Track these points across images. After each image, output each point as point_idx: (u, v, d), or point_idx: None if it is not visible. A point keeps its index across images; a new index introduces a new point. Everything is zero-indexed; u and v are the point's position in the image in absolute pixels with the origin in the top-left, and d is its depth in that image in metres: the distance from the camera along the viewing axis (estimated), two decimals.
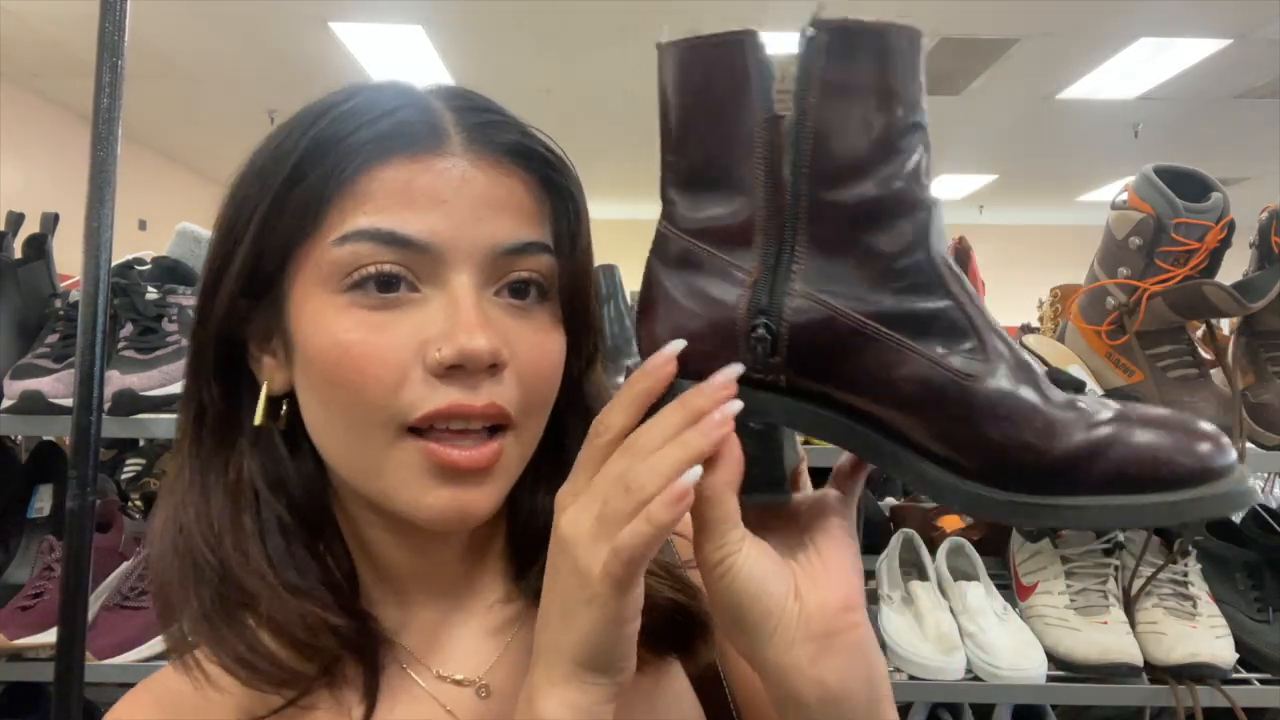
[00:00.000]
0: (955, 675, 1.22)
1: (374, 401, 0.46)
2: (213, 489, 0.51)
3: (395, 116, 0.48)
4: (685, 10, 5.45)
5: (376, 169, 0.47)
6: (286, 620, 0.49)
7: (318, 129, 0.49)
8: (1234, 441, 1.23)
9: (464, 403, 0.46)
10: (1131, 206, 1.26)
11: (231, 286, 0.50)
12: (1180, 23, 4.92)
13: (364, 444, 0.47)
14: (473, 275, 0.47)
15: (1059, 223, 10.42)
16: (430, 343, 0.46)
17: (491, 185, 0.48)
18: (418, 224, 0.46)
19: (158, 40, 5.37)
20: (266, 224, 0.49)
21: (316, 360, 0.47)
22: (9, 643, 1.15)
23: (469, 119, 0.50)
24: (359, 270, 0.46)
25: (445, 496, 0.47)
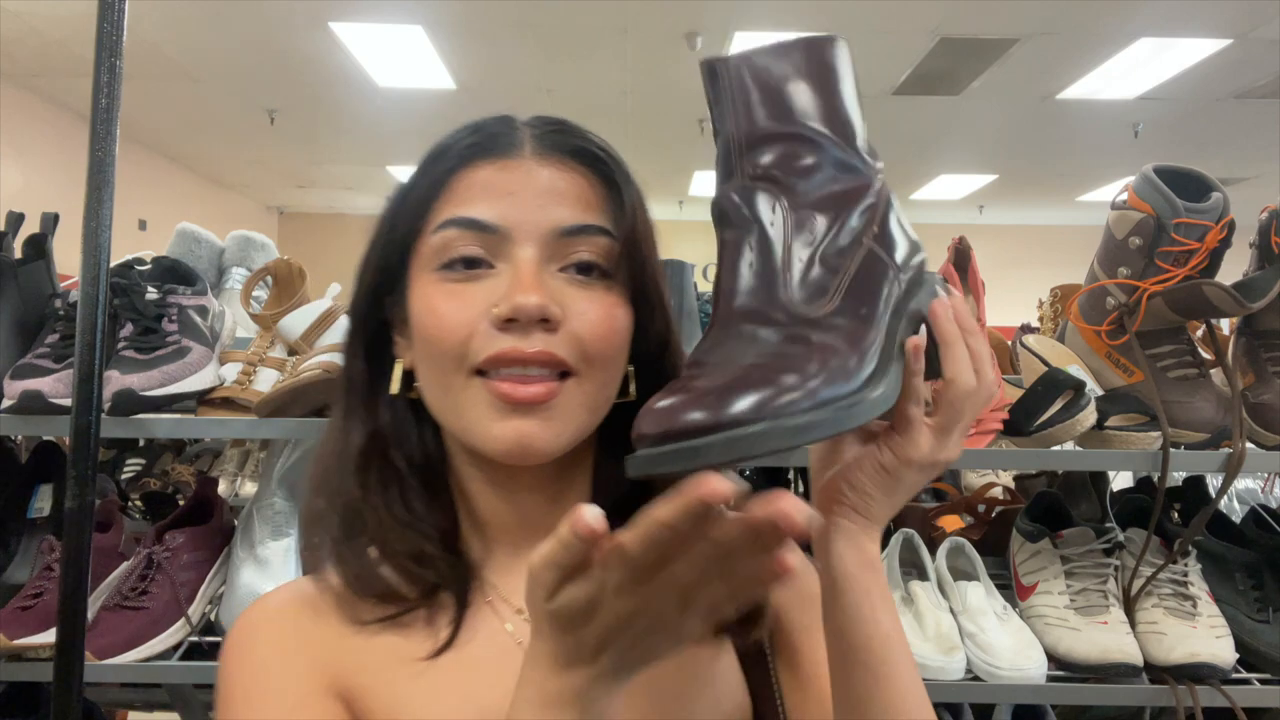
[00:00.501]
0: (955, 675, 1.22)
1: (450, 350, 0.57)
2: (352, 441, 0.63)
3: (483, 131, 0.61)
4: (685, 10, 5.43)
5: (465, 172, 0.60)
6: (396, 551, 0.61)
7: (432, 149, 0.62)
8: (1234, 441, 1.24)
9: (518, 347, 0.55)
10: (1131, 206, 1.26)
11: (369, 279, 0.63)
12: (1180, 23, 4.92)
13: (447, 387, 0.58)
14: (536, 251, 0.58)
15: (1059, 223, 10.42)
16: (494, 303, 0.56)
17: (554, 179, 0.60)
18: (491, 211, 0.58)
19: (158, 40, 5.37)
20: (392, 226, 0.61)
21: (417, 324, 0.59)
22: (9, 643, 1.15)
23: (540, 129, 0.62)
24: (448, 252, 0.58)
25: (509, 429, 0.56)
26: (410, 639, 0.60)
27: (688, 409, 0.43)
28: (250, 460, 2.01)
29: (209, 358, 1.28)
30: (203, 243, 1.57)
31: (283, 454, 1.36)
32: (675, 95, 6.43)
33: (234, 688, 0.60)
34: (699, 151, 7.75)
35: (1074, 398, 1.22)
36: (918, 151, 7.98)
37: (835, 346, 0.47)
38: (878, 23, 5.07)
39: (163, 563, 1.26)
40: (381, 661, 0.60)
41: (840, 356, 0.47)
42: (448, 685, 0.59)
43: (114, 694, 1.68)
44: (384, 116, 6.87)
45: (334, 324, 1.34)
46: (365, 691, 0.59)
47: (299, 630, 0.61)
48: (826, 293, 0.50)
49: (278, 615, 0.63)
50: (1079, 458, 1.31)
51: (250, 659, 0.61)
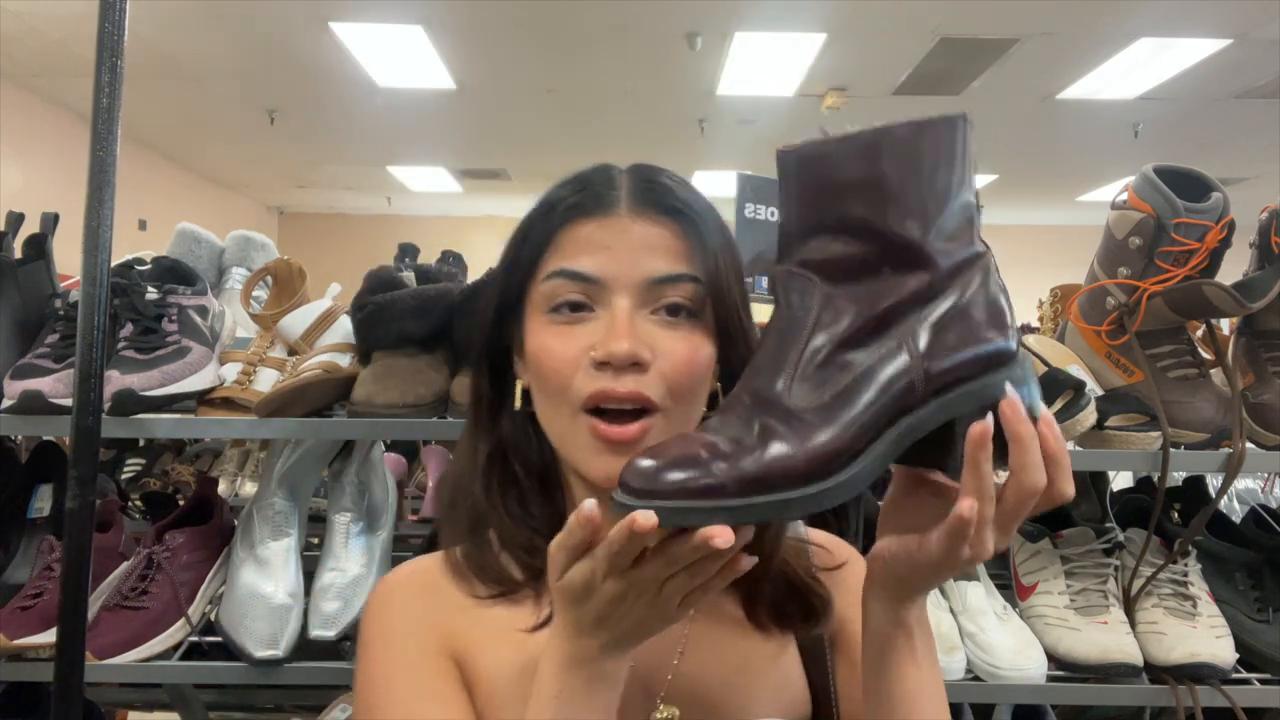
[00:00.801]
0: (955, 675, 1.22)
1: (558, 384, 0.67)
2: (480, 449, 0.74)
3: (586, 190, 0.70)
4: (685, 10, 5.43)
5: (569, 228, 0.69)
6: (512, 542, 0.71)
7: (542, 202, 0.72)
8: (1234, 441, 1.24)
9: (611, 388, 0.64)
10: (1131, 206, 1.26)
11: (492, 312, 0.73)
12: (1180, 23, 4.92)
13: (557, 419, 0.68)
14: (630, 299, 0.67)
15: (1059, 223, 10.42)
16: (593, 346, 0.65)
17: (645, 234, 0.68)
18: (591, 264, 0.67)
19: (158, 40, 5.37)
20: (509, 270, 0.72)
21: (531, 359, 0.69)
22: (9, 643, 1.15)
23: (637, 187, 0.70)
24: (556, 298, 0.68)
25: (605, 464, 0.65)
26: (517, 614, 0.70)
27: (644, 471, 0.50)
28: (250, 460, 2.01)
29: (209, 358, 1.29)
30: (203, 243, 1.57)
31: (283, 454, 1.35)
32: (675, 95, 6.43)
33: (373, 639, 0.72)
34: (699, 151, 7.75)
35: (1074, 398, 1.22)
36: None
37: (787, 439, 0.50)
38: (878, 23, 5.07)
39: (163, 563, 1.26)
40: (490, 632, 0.70)
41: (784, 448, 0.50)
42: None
43: (114, 694, 1.68)
44: (384, 116, 6.87)
45: (334, 324, 1.34)
46: (474, 656, 0.70)
47: (424, 599, 0.72)
48: (826, 387, 0.52)
49: (410, 584, 0.74)
50: (1079, 458, 1.31)
51: (386, 618, 0.72)
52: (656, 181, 0.71)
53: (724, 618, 0.73)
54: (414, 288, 1.28)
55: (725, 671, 0.71)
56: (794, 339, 0.54)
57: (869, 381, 0.52)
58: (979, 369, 0.54)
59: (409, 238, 2.77)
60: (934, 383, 0.53)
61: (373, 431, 1.25)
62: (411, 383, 1.20)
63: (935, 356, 0.53)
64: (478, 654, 0.70)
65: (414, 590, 0.74)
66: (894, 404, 0.52)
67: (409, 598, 0.73)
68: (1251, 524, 1.45)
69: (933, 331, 0.54)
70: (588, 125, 7.04)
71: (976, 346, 0.54)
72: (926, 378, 0.53)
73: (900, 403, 0.53)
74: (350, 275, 1.45)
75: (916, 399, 0.53)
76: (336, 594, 1.25)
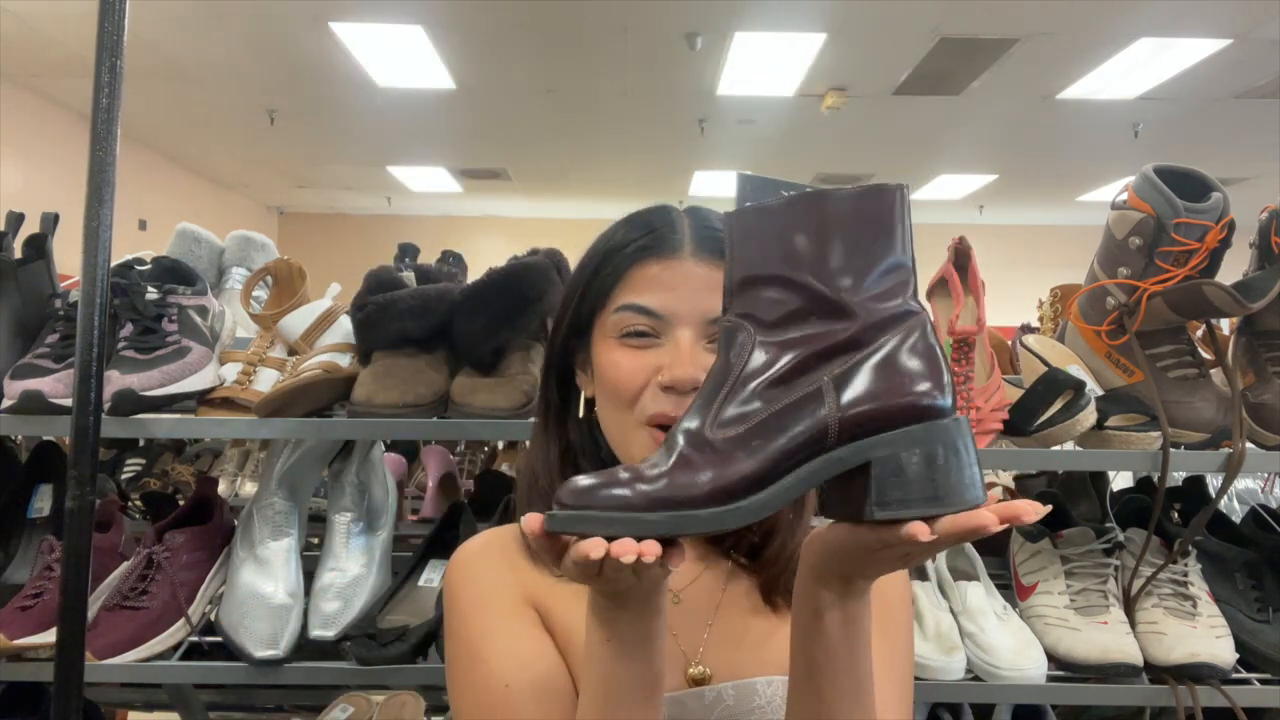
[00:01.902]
0: (955, 675, 1.22)
1: (626, 398, 0.77)
2: (551, 450, 0.85)
3: (654, 233, 0.80)
4: (685, 10, 5.42)
5: (639, 267, 0.79)
6: None
7: (609, 241, 0.82)
8: (1234, 441, 1.24)
9: (672, 413, 0.74)
10: (1131, 206, 1.26)
11: (563, 332, 0.83)
12: (1180, 23, 4.92)
13: (621, 424, 0.78)
14: (692, 331, 0.76)
15: (1059, 223, 10.42)
16: (660, 371, 0.75)
17: (706, 276, 0.77)
18: (658, 301, 0.77)
19: (158, 40, 5.37)
20: (581, 299, 0.82)
21: (601, 374, 0.79)
22: (9, 643, 1.15)
23: (699, 233, 0.79)
24: (626, 326, 0.78)
25: None
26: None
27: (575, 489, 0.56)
28: (250, 460, 2.01)
29: (209, 358, 1.29)
30: (203, 243, 1.57)
31: (283, 454, 1.36)
32: (675, 95, 6.43)
33: (461, 601, 0.80)
34: (699, 151, 7.75)
35: (1074, 398, 1.22)
36: (918, 151, 7.98)
37: (697, 466, 0.56)
38: (878, 23, 5.07)
39: (163, 563, 1.26)
40: (566, 593, 0.78)
41: (693, 474, 0.55)
42: None
43: (114, 694, 1.68)
44: (384, 116, 6.87)
45: (334, 324, 1.34)
46: (552, 610, 0.79)
47: (505, 562, 0.81)
48: (744, 422, 0.57)
49: (489, 548, 0.84)
50: (1079, 458, 1.31)
51: (470, 578, 0.81)
52: (715, 227, 0.80)
53: (747, 598, 0.83)
54: (414, 288, 1.28)
55: (749, 641, 0.81)
56: (725, 380, 0.59)
57: (786, 418, 0.56)
58: (898, 419, 0.56)
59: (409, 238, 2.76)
60: (849, 426, 0.56)
61: (373, 431, 1.25)
62: (411, 383, 1.21)
63: (853, 403, 0.56)
64: (556, 610, 0.79)
65: (494, 554, 0.83)
66: (808, 442, 0.56)
67: (491, 559, 0.82)
68: (1251, 524, 1.45)
69: (852, 379, 0.57)
70: (588, 125, 7.04)
71: (897, 398, 0.56)
72: (841, 422, 0.56)
73: (814, 441, 0.56)
74: (350, 275, 1.45)
75: (831, 441, 0.56)
76: (336, 594, 1.25)
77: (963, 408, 1.22)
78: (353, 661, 1.20)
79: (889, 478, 0.55)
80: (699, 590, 0.84)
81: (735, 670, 0.79)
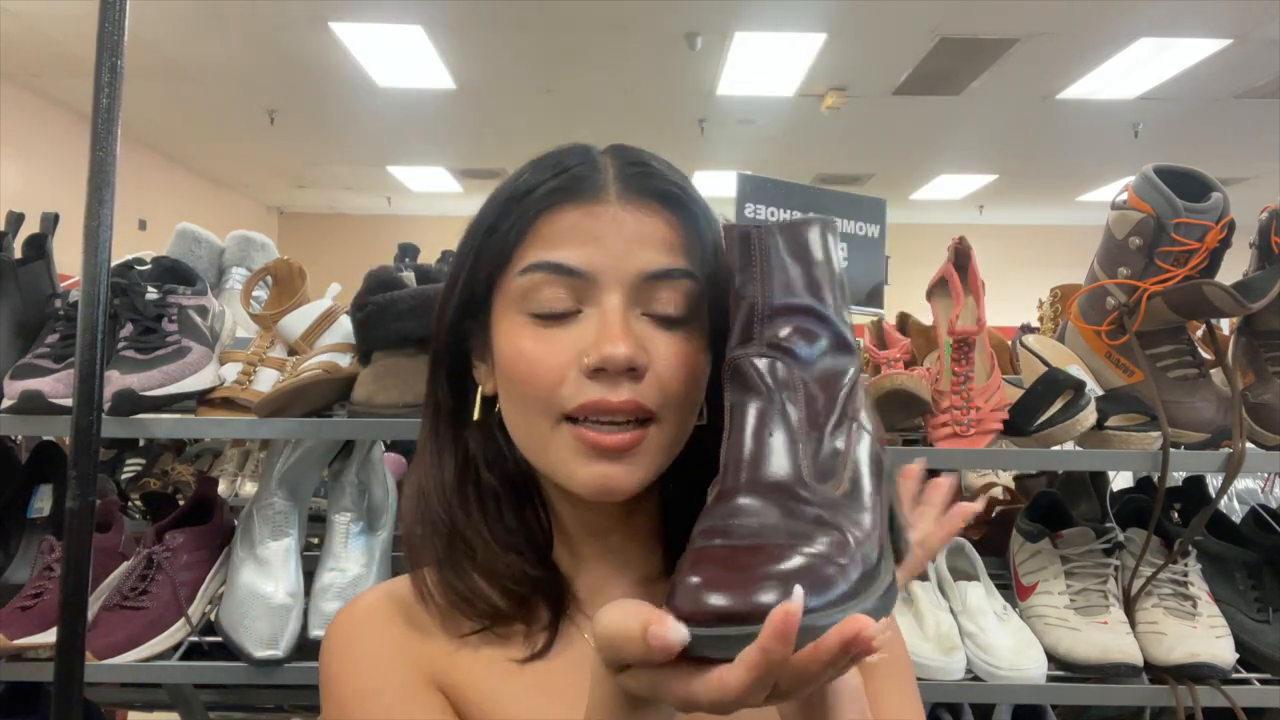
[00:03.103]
0: (955, 675, 1.22)
1: (540, 395, 0.59)
2: (445, 465, 0.66)
3: (568, 173, 0.62)
4: (685, 10, 5.43)
5: (551, 215, 0.61)
6: (496, 569, 0.64)
7: (512, 187, 0.63)
8: (1234, 441, 1.24)
9: (607, 398, 0.58)
10: (1131, 206, 1.26)
11: (452, 312, 0.65)
12: (1180, 23, 4.92)
13: (534, 429, 0.61)
14: (622, 296, 0.59)
15: (1059, 223, 10.42)
16: (583, 351, 0.58)
17: (638, 224, 0.61)
18: (578, 256, 0.59)
19: (158, 40, 5.36)
20: (475, 263, 0.63)
21: (504, 364, 0.62)
22: (9, 643, 1.15)
23: (625, 171, 0.63)
24: (535, 294, 0.60)
25: (595, 471, 0.59)
26: (507, 645, 0.65)
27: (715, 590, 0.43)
28: (250, 460, 2.01)
29: (209, 358, 1.29)
30: (203, 243, 1.57)
31: (283, 454, 1.35)
32: (675, 95, 6.43)
33: (341, 687, 0.64)
34: (699, 151, 7.75)
35: (1074, 398, 1.22)
36: (918, 151, 7.98)
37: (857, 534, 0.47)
38: (878, 23, 5.07)
39: (163, 563, 1.26)
40: (478, 662, 0.64)
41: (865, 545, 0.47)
42: (537, 686, 0.64)
43: (114, 694, 1.68)
44: (384, 116, 6.87)
45: (334, 324, 1.34)
46: (462, 687, 0.64)
47: (396, 631, 0.65)
48: (835, 474, 0.50)
49: (374, 615, 0.66)
50: (1079, 458, 1.31)
51: (352, 658, 0.64)
52: (648, 165, 0.64)
53: None
54: (414, 288, 1.28)
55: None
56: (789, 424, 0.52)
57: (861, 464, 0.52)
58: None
59: (409, 238, 2.76)
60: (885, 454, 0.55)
61: (373, 431, 1.25)
62: (411, 383, 1.20)
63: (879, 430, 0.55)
64: (468, 690, 0.64)
65: (382, 621, 0.66)
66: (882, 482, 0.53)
67: (379, 629, 0.65)
68: (1251, 524, 1.45)
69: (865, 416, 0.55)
70: (588, 125, 7.04)
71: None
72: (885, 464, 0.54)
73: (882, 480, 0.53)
74: (350, 275, 1.45)
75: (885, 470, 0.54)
76: (336, 594, 1.25)
77: (963, 408, 1.23)
78: None
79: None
80: None
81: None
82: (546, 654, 0.64)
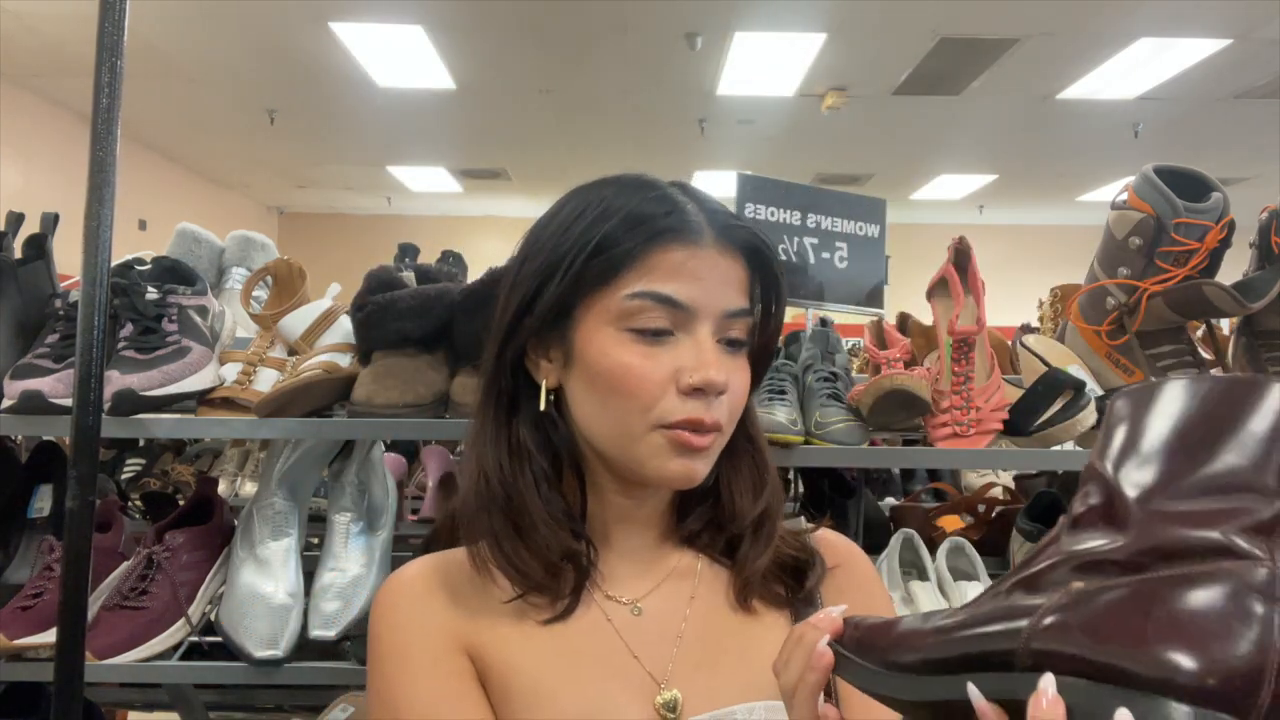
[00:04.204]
0: None
1: (641, 404, 0.69)
2: (502, 446, 0.74)
3: (675, 216, 0.70)
4: (685, 10, 5.43)
5: (660, 251, 0.69)
6: (541, 541, 0.72)
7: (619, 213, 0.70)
8: None
9: (702, 416, 0.69)
10: (1131, 206, 1.26)
11: (540, 312, 0.71)
12: (1180, 23, 4.92)
13: (628, 428, 0.70)
14: (711, 327, 0.70)
15: (1059, 223, 10.42)
16: (683, 371, 0.69)
17: (728, 268, 0.72)
18: (682, 291, 0.69)
19: (158, 40, 5.37)
20: (576, 279, 0.70)
21: (603, 374, 0.69)
22: (9, 643, 1.15)
23: (716, 220, 0.72)
24: (640, 317, 0.69)
25: (682, 465, 0.70)
26: (534, 610, 0.73)
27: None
28: (250, 460, 2.01)
29: (209, 358, 1.29)
30: (203, 243, 1.57)
31: (283, 454, 1.35)
32: (675, 95, 6.43)
33: (379, 647, 0.72)
34: (699, 151, 7.75)
35: (1074, 398, 1.22)
36: (918, 151, 7.98)
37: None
38: (878, 23, 5.07)
39: (163, 563, 1.26)
40: (504, 626, 0.72)
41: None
42: (554, 648, 0.71)
43: (114, 694, 1.68)
44: (384, 116, 6.87)
45: (334, 324, 1.34)
46: (488, 651, 0.71)
47: (434, 599, 0.73)
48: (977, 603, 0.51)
49: (416, 583, 0.75)
50: (1079, 458, 1.31)
51: (389, 623, 0.73)
52: (729, 213, 0.75)
53: (719, 607, 0.76)
54: (414, 288, 1.28)
55: (725, 661, 0.73)
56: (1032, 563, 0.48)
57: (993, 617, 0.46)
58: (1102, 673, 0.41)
59: (409, 238, 2.76)
60: (1034, 658, 0.43)
61: (373, 431, 1.25)
62: (411, 383, 1.21)
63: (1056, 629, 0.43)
64: (492, 650, 0.71)
65: (423, 588, 0.74)
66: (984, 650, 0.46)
67: (419, 596, 0.74)
68: None
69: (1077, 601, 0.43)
70: (588, 125, 7.04)
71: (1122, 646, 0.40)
72: (1029, 648, 0.44)
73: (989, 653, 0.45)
74: (350, 275, 1.45)
75: (1013, 662, 0.44)
76: (336, 594, 1.25)
77: (963, 408, 1.23)
78: (353, 661, 1.20)
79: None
80: (663, 599, 0.76)
81: (711, 697, 0.71)
82: (567, 618, 0.72)
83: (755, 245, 0.74)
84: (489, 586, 0.73)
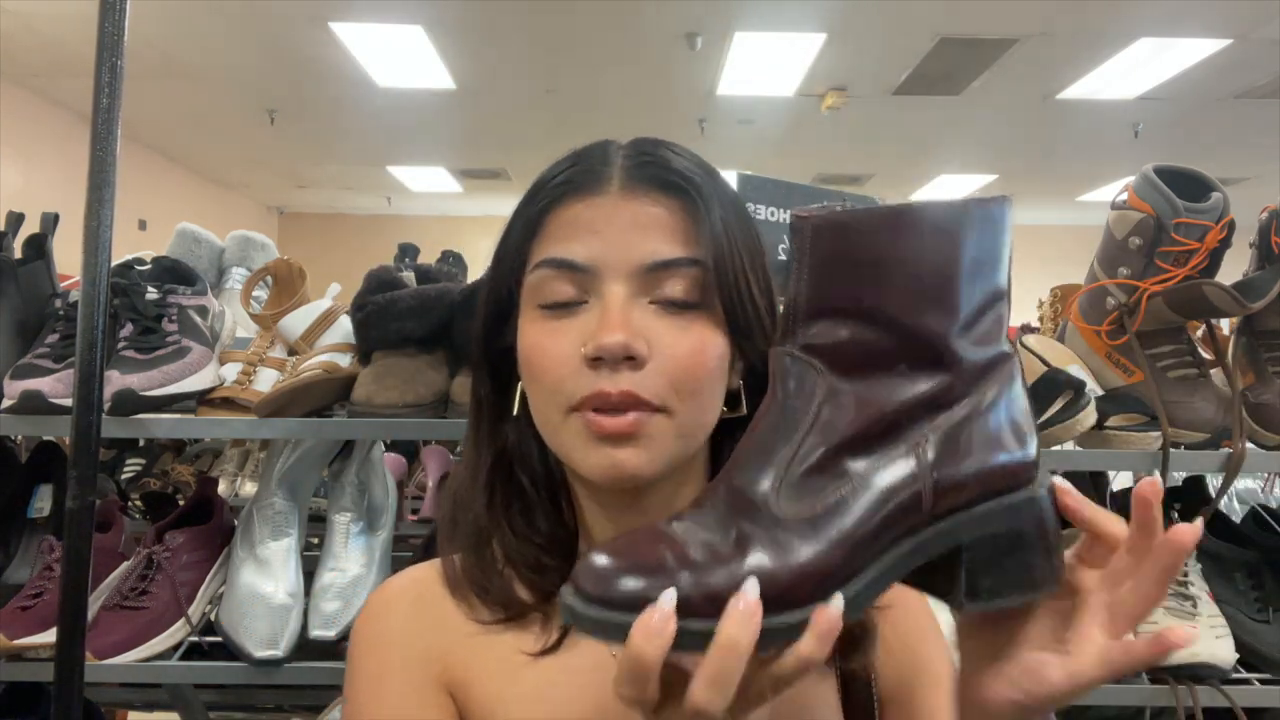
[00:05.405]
0: None
1: (551, 385, 0.60)
2: (483, 459, 0.68)
3: (577, 166, 0.63)
4: (685, 10, 5.43)
5: (557, 210, 0.62)
6: (519, 561, 0.66)
7: (533, 182, 0.64)
8: (1234, 441, 1.24)
9: (605, 389, 0.58)
10: (1131, 206, 1.26)
11: (485, 311, 0.67)
12: (1180, 23, 4.92)
13: (549, 417, 0.62)
14: (624, 287, 0.59)
15: (1059, 223, 10.42)
16: (584, 342, 0.59)
17: (638, 213, 0.60)
18: (580, 250, 0.60)
19: (158, 40, 5.36)
20: (499, 263, 0.66)
21: (523, 362, 0.63)
22: (9, 643, 1.15)
23: (631, 161, 0.63)
24: (544, 290, 0.61)
25: (602, 456, 0.59)
26: (522, 638, 0.66)
27: (599, 572, 0.44)
28: (250, 460, 2.01)
29: (209, 358, 1.29)
30: (203, 243, 1.57)
31: (283, 454, 1.35)
32: (675, 95, 6.43)
33: (355, 666, 0.68)
34: (699, 151, 7.70)
35: (1074, 398, 1.22)
36: (918, 151, 7.98)
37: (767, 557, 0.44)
38: (878, 23, 5.07)
39: (163, 563, 1.26)
40: (491, 657, 0.66)
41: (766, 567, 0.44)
42: (546, 685, 0.65)
43: (114, 694, 1.68)
44: (384, 116, 6.87)
45: (334, 324, 1.34)
46: (471, 684, 0.65)
47: (416, 618, 0.68)
48: (817, 495, 0.46)
49: (399, 600, 0.70)
50: (1079, 458, 1.31)
51: (369, 642, 0.68)
52: (654, 154, 0.63)
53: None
54: (414, 288, 1.28)
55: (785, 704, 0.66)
56: (787, 435, 0.47)
57: (867, 492, 0.46)
58: (997, 485, 0.48)
59: (409, 238, 2.76)
60: (944, 499, 0.46)
61: (373, 431, 1.25)
62: (411, 383, 1.21)
63: (947, 466, 0.46)
64: (475, 682, 0.65)
65: (410, 606, 0.69)
66: (896, 521, 0.46)
67: (405, 615, 0.69)
68: (1251, 524, 1.45)
69: (946, 440, 0.47)
70: (588, 125, 7.03)
71: (995, 456, 0.47)
72: (936, 491, 0.46)
73: (904, 520, 0.46)
74: (350, 275, 1.45)
75: (923, 517, 0.46)
76: (336, 594, 1.25)
77: None
78: None
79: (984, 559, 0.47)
80: None
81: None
82: (559, 654, 0.65)
83: (671, 180, 0.62)
84: (476, 608, 0.67)
